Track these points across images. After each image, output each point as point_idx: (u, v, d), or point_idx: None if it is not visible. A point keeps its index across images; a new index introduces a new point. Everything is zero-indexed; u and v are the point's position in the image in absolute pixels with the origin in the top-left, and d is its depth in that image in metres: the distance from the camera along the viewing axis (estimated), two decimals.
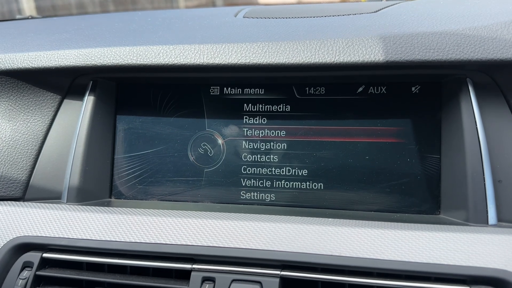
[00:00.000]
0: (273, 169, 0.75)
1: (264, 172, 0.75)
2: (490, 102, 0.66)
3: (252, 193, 0.75)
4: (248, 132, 0.76)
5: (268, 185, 0.75)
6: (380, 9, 0.82)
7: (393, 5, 0.86)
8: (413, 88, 0.71)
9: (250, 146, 0.76)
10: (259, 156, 0.75)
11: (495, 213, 0.62)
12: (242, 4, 1.08)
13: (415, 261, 0.55)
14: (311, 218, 0.63)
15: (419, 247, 0.56)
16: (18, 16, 1.52)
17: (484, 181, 0.62)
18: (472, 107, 0.65)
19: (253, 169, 0.75)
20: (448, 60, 0.62)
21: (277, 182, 0.75)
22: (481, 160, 0.63)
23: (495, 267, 0.53)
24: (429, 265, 0.54)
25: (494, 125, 0.65)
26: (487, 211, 0.62)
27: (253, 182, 0.75)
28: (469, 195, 0.63)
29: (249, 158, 0.76)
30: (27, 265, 0.65)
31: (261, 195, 0.75)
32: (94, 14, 1.35)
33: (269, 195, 0.75)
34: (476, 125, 0.64)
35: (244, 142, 0.76)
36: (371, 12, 0.80)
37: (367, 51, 0.64)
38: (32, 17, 1.42)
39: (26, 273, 0.64)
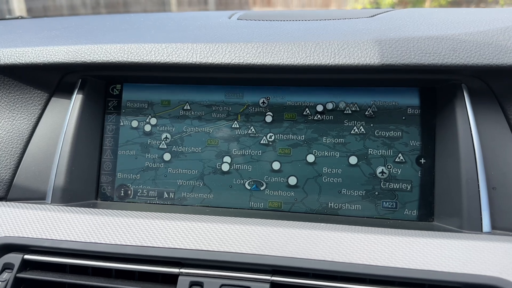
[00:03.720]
0: (265, 173, 0.73)
1: (255, 176, 0.74)
2: (485, 108, 0.66)
3: (242, 197, 0.74)
4: (238, 134, 0.75)
5: (259, 189, 0.73)
6: (376, 14, 0.81)
7: (389, 11, 0.85)
8: (408, 93, 0.71)
9: (242, 149, 0.74)
10: (250, 159, 0.74)
11: (489, 220, 0.61)
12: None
13: (409, 268, 0.53)
14: (303, 222, 0.62)
15: (413, 254, 0.55)
16: (7, 16, 1.50)
17: (479, 188, 0.62)
18: (467, 113, 0.64)
19: (243, 172, 0.74)
20: (443, 65, 0.61)
21: (269, 186, 0.73)
22: (475, 167, 0.62)
23: (490, 275, 0.52)
24: (423, 271, 0.53)
25: (488, 131, 0.65)
26: (481, 218, 0.61)
27: (243, 186, 0.74)
28: (463, 202, 0.62)
29: (240, 161, 0.74)
30: (7, 266, 0.62)
31: (251, 198, 0.73)
32: (85, 16, 1.33)
33: (260, 199, 0.73)
34: (470, 131, 0.64)
35: (234, 144, 0.75)
36: (367, 17, 0.79)
37: (362, 53, 0.63)
38: (22, 17, 1.40)
39: (6, 275, 0.61)
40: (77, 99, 0.75)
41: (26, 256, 0.62)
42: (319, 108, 0.73)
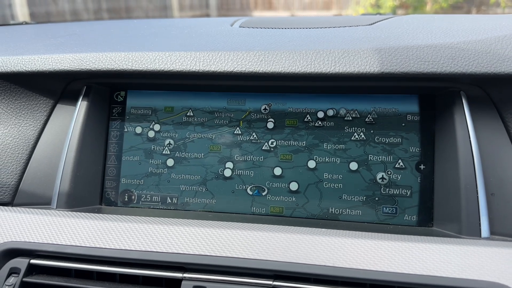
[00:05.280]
0: (267, 178, 0.74)
1: (257, 181, 0.75)
2: (484, 115, 0.66)
3: (244, 203, 0.75)
4: (240, 140, 0.76)
5: (261, 194, 0.74)
6: (375, 22, 0.82)
7: (388, 18, 0.87)
8: (407, 100, 0.72)
9: (244, 155, 0.75)
10: (252, 165, 0.75)
11: (488, 226, 0.62)
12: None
13: (409, 273, 0.54)
14: (304, 228, 0.62)
15: (413, 259, 0.55)
16: (11, 22, 1.52)
17: (477, 194, 0.62)
18: (466, 120, 0.65)
19: (245, 178, 0.75)
20: (442, 73, 0.62)
21: (270, 192, 0.74)
22: (474, 173, 0.63)
23: (489, 280, 0.53)
24: (423, 277, 0.54)
25: (487, 138, 0.66)
26: (480, 224, 0.62)
27: (245, 191, 0.75)
28: (462, 208, 0.63)
29: (242, 167, 0.75)
30: (14, 271, 0.63)
31: (253, 204, 0.74)
32: (89, 21, 1.35)
33: (262, 204, 0.74)
34: (469, 138, 0.64)
35: (236, 150, 0.76)
36: (366, 25, 0.80)
37: (362, 62, 0.64)
38: (26, 23, 1.41)
39: (12, 280, 0.62)
40: (82, 105, 0.77)
41: (33, 261, 0.63)
42: (320, 114, 0.74)
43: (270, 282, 0.57)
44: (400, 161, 0.71)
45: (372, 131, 0.72)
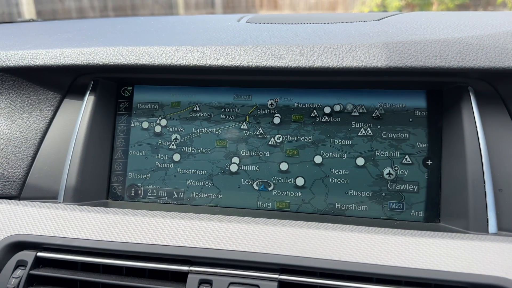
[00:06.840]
0: (273, 174, 0.74)
1: (263, 176, 0.75)
2: (491, 110, 0.66)
3: (250, 198, 0.75)
4: (247, 135, 0.76)
5: (267, 190, 0.74)
6: (383, 18, 0.82)
7: (396, 14, 0.86)
8: (415, 96, 0.71)
9: (250, 150, 0.75)
10: (258, 160, 0.75)
11: (495, 221, 0.62)
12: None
13: (415, 268, 0.54)
14: (311, 222, 0.62)
15: (419, 254, 0.55)
16: (18, 19, 1.53)
17: (485, 189, 0.62)
18: (473, 116, 0.65)
19: (251, 173, 0.75)
20: (450, 67, 0.62)
21: (276, 187, 0.74)
22: (481, 168, 0.63)
23: (496, 275, 0.52)
24: (429, 271, 0.54)
25: (495, 133, 0.65)
26: (487, 219, 0.61)
27: (252, 186, 0.75)
28: (470, 204, 0.62)
29: (248, 162, 0.75)
30: (21, 264, 0.63)
31: (259, 199, 0.74)
32: (95, 19, 1.35)
33: (268, 200, 0.74)
34: (477, 133, 0.64)
35: (242, 145, 0.76)
36: (374, 20, 0.80)
37: (370, 56, 0.64)
38: (33, 20, 1.42)
39: (19, 272, 0.63)
40: (89, 100, 0.77)
41: (39, 254, 0.63)
42: (327, 110, 0.74)
43: (276, 276, 0.57)
44: (407, 156, 0.70)
45: (379, 127, 0.72)
